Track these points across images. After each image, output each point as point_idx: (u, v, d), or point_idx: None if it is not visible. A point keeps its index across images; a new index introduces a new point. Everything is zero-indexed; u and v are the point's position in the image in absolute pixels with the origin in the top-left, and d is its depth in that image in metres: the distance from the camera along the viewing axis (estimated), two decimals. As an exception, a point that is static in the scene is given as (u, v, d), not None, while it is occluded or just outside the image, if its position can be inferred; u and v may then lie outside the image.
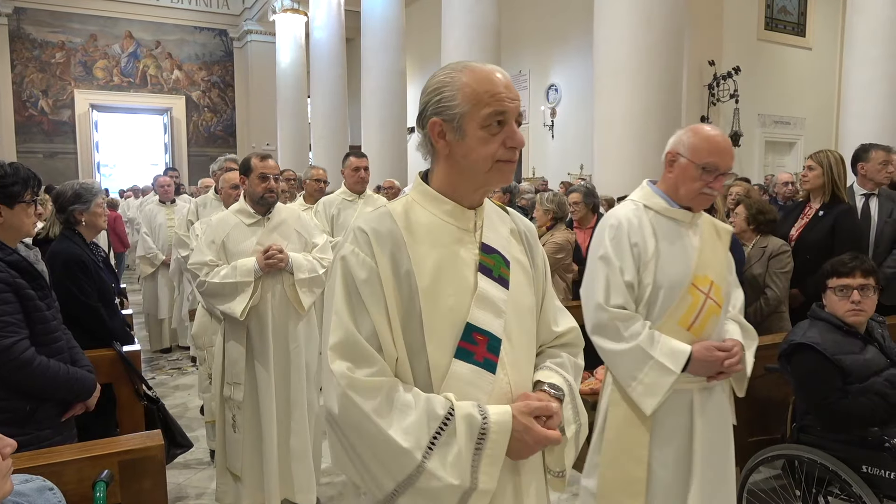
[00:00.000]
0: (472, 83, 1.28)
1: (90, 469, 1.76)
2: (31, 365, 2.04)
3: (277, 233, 3.11)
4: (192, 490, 3.68)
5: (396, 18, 11.42)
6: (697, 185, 2.04)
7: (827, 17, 11.83)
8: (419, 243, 1.29)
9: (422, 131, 1.34)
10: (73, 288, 2.80)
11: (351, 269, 1.26)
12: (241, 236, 3.06)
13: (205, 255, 3.03)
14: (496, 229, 1.39)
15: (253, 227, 3.09)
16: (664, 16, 6.08)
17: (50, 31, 16.78)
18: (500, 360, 1.29)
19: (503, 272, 1.34)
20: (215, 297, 3.00)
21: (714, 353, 1.99)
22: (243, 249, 3.04)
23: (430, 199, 1.35)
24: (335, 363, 1.22)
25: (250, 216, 3.10)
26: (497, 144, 1.28)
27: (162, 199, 6.70)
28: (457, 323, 1.27)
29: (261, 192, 3.05)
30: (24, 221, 2.18)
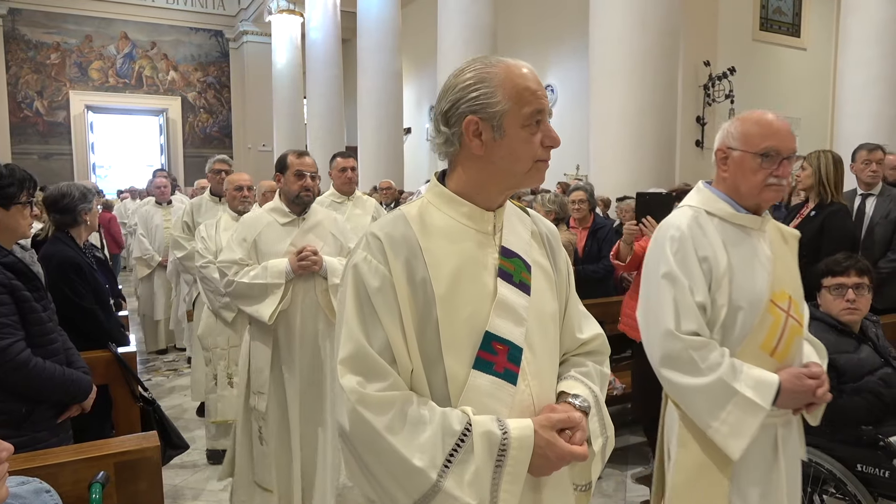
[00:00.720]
0: (512, 79, 1.21)
1: (86, 470, 1.75)
2: (27, 367, 2.03)
3: (312, 234, 2.96)
4: (188, 491, 3.67)
5: (392, 19, 11.42)
6: (760, 178, 1.77)
7: (821, 18, 11.88)
8: (435, 248, 1.23)
9: (448, 130, 1.25)
10: (68, 290, 2.79)
11: (363, 278, 1.20)
12: (274, 236, 2.92)
13: (235, 254, 2.90)
14: (517, 232, 1.32)
15: (287, 227, 2.94)
16: (659, 17, 6.10)
17: (45, 32, 16.74)
18: (522, 371, 1.22)
19: (524, 277, 1.27)
20: (243, 299, 2.86)
21: (805, 381, 1.73)
22: (276, 250, 2.89)
23: (447, 200, 1.28)
24: (345, 378, 1.16)
25: (285, 215, 2.96)
26: (537, 144, 1.23)
27: (158, 201, 6.68)
28: (475, 332, 1.21)
29: (297, 191, 2.91)
30: (21, 223, 2.19)
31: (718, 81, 9.97)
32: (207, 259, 3.82)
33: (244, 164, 17.85)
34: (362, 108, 11.50)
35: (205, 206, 4.74)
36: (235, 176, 4.14)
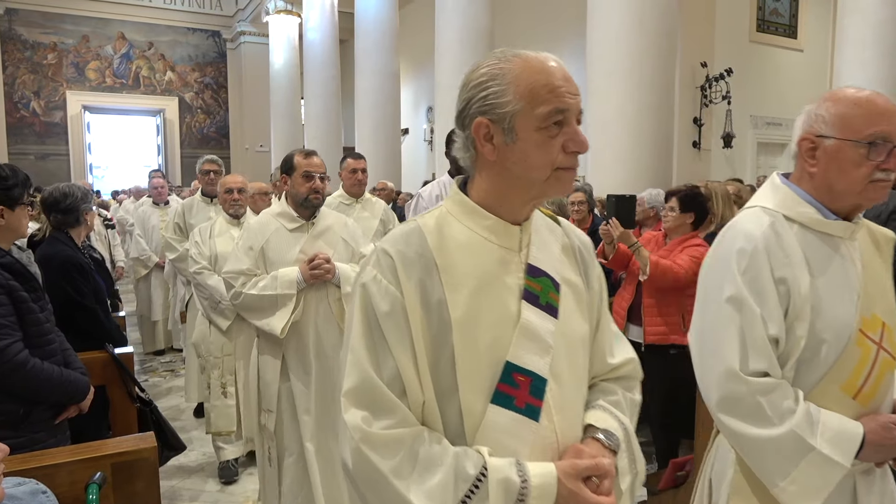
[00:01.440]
0: (526, 75, 1.08)
1: (83, 471, 1.75)
2: (24, 367, 2.03)
3: (322, 240, 2.80)
4: (185, 493, 3.67)
5: (390, 20, 11.42)
6: (864, 172, 1.40)
7: (818, 19, 11.91)
8: (454, 266, 1.11)
9: (464, 133, 1.15)
10: (71, 290, 2.79)
11: (372, 300, 1.09)
12: (282, 243, 2.75)
13: (242, 263, 2.73)
14: (546, 247, 1.19)
15: (296, 232, 2.77)
16: (656, 18, 6.10)
17: (42, 33, 16.70)
18: (546, 404, 1.10)
19: (551, 298, 1.15)
20: (252, 311, 2.70)
21: (894, 432, 1.41)
22: (285, 258, 2.73)
23: (469, 212, 1.15)
24: (349, 412, 1.06)
25: (292, 220, 2.78)
26: (556, 149, 1.08)
27: (155, 201, 6.67)
28: (495, 361, 1.09)
29: (305, 194, 2.73)
30: (22, 223, 2.22)
31: (715, 82, 9.98)
32: (201, 265, 3.73)
33: (241, 164, 17.84)
34: (360, 109, 11.50)
35: (196, 207, 4.68)
36: (227, 178, 4.03)
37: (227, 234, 3.80)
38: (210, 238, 3.80)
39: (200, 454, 4.12)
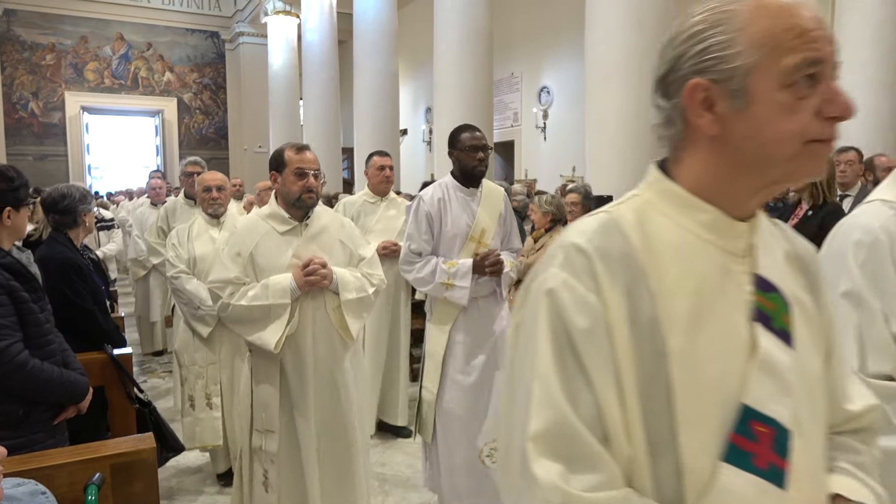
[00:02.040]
0: (762, 17, 0.81)
1: (82, 472, 1.75)
2: (25, 368, 2.03)
3: (317, 243, 2.57)
4: (184, 493, 3.66)
5: (389, 21, 11.42)
6: None
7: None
8: (665, 274, 0.84)
9: (668, 102, 0.89)
10: (69, 291, 2.79)
11: (563, 312, 0.82)
12: (273, 247, 2.51)
13: (228, 272, 2.48)
14: (772, 253, 0.92)
15: (287, 235, 2.54)
16: (655, 18, 6.11)
17: (40, 33, 16.69)
18: (792, 466, 0.82)
19: (784, 321, 0.88)
20: (242, 325, 2.46)
21: None
22: (276, 264, 2.49)
23: (680, 203, 0.89)
24: (540, 464, 0.79)
25: (284, 222, 2.55)
26: (808, 114, 0.81)
27: (153, 202, 6.65)
28: (726, 403, 0.82)
29: (297, 193, 2.51)
30: (25, 223, 2.24)
31: (714, 83, 10.01)
32: (179, 269, 3.54)
33: (240, 165, 17.84)
34: (359, 110, 11.50)
35: (179, 210, 4.49)
36: (205, 176, 3.78)
37: (206, 235, 3.62)
38: (188, 240, 3.60)
39: (199, 455, 4.11)
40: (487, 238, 3.09)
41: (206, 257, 3.48)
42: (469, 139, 3.05)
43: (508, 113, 13.22)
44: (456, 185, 3.15)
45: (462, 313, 3.06)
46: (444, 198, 3.10)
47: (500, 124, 12.67)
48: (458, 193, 3.12)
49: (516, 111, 13.09)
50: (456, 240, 3.07)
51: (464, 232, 3.07)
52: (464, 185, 3.13)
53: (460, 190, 3.13)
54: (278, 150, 2.60)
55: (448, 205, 3.10)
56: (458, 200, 3.11)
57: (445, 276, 3.01)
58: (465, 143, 3.06)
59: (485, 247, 3.06)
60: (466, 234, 3.09)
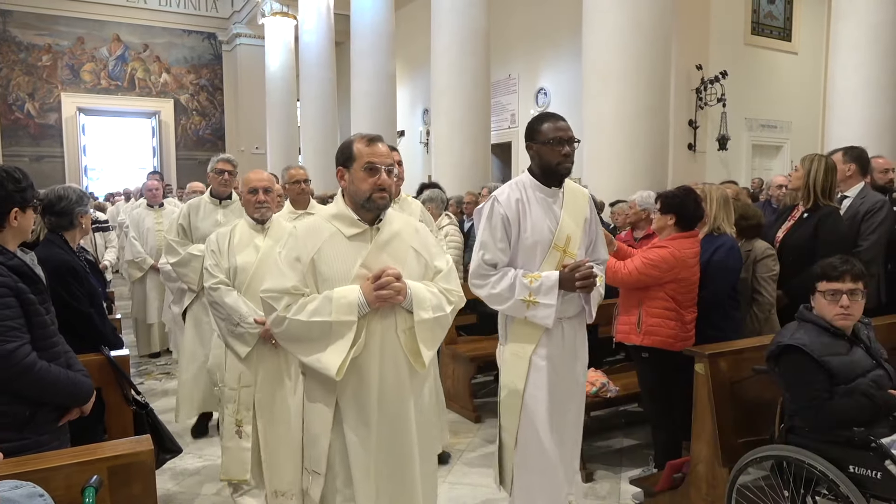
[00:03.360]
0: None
1: (79, 474, 1.74)
2: (32, 370, 2.03)
3: (389, 251, 2.20)
4: (182, 496, 3.66)
5: (386, 22, 11.43)
6: None
7: (812, 23, 11.96)
8: None
9: None
10: (65, 294, 2.78)
11: None
12: (338, 254, 2.15)
13: (286, 280, 2.11)
14: None
15: (356, 241, 2.18)
16: (652, 20, 6.13)
17: (36, 34, 16.66)
18: None
19: None
20: (299, 343, 2.12)
21: None
22: (342, 273, 2.13)
23: None
24: None
25: (352, 225, 2.19)
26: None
27: (150, 203, 6.59)
28: None
29: (367, 192, 2.15)
30: (30, 225, 2.24)
31: (711, 85, 10.03)
32: (218, 279, 3.12)
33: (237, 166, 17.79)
34: (356, 111, 11.51)
35: (203, 210, 4.25)
36: (251, 175, 3.31)
37: (250, 242, 3.20)
38: (229, 248, 3.18)
39: (197, 457, 4.11)
40: (573, 247, 2.64)
41: (248, 268, 3.14)
42: (552, 130, 2.60)
43: (506, 114, 13.24)
44: (535, 185, 2.67)
45: (545, 336, 2.63)
46: (523, 199, 2.64)
47: (498, 126, 12.68)
48: (537, 194, 2.66)
49: (513, 113, 13.11)
50: (536, 248, 2.62)
51: (546, 239, 2.62)
52: (545, 185, 2.66)
53: (540, 190, 2.66)
54: (346, 142, 2.24)
55: (527, 207, 2.64)
56: (538, 202, 2.65)
57: (526, 292, 2.56)
58: (547, 135, 2.60)
59: (571, 257, 2.63)
60: (549, 242, 2.62)
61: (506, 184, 2.77)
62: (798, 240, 3.69)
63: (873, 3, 6.93)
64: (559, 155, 2.59)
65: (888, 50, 6.87)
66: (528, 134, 2.69)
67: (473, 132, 8.91)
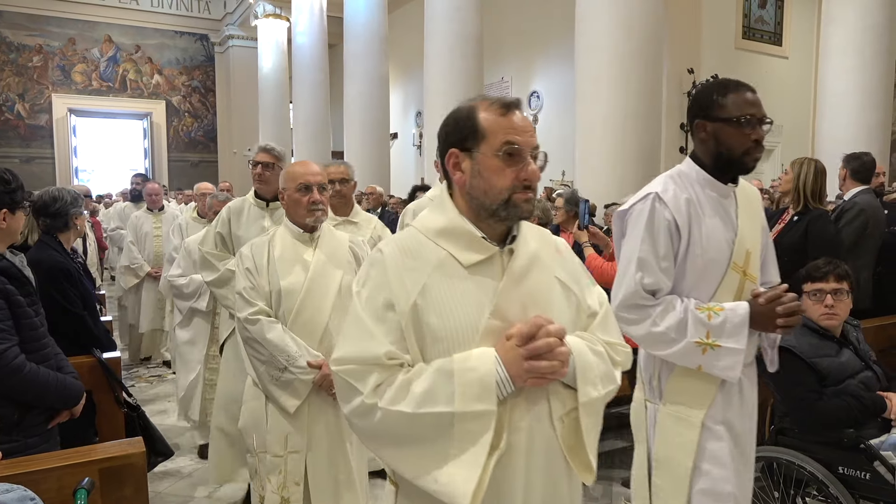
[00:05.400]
0: None
1: (71, 477, 1.74)
2: (21, 372, 2.02)
3: (528, 287, 1.34)
4: (173, 498, 3.64)
5: (379, 25, 11.44)
6: None
7: (803, 28, 12.06)
8: None
9: None
10: (58, 296, 2.77)
11: None
12: (454, 294, 1.31)
13: (373, 343, 1.29)
14: None
15: (479, 272, 1.33)
16: (644, 24, 6.17)
17: (27, 35, 16.57)
18: None
19: None
20: (398, 448, 1.29)
21: None
22: (460, 326, 1.29)
23: None
24: None
25: (474, 246, 1.34)
26: None
27: (149, 207, 6.25)
28: None
29: (506, 190, 1.31)
30: (20, 226, 2.22)
31: (702, 89, 10.10)
32: (257, 308, 2.36)
33: (229, 169, 17.77)
34: (349, 114, 11.50)
35: (248, 214, 3.28)
36: (298, 168, 2.47)
37: (298, 260, 2.43)
38: (269, 265, 2.42)
39: (188, 460, 4.09)
40: (753, 267, 1.95)
41: (295, 291, 2.38)
42: (742, 104, 1.87)
43: (498, 117, 13.26)
44: (705, 180, 1.94)
45: (721, 392, 1.92)
46: (693, 199, 1.92)
47: (490, 129, 12.70)
48: (708, 193, 1.94)
49: (506, 116, 13.12)
50: (710, 269, 1.89)
51: (723, 256, 1.89)
52: (720, 180, 1.94)
53: (712, 187, 1.94)
54: (462, 110, 1.36)
55: (700, 211, 1.91)
56: (710, 204, 1.93)
57: (703, 331, 1.83)
58: (733, 111, 1.86)
59: (751, 281, 1.93)
60: (727, 260, 1.90)
61: (660, 177, 2.04)
62: (788, 242, 3.72)
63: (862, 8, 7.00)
64: (748, 140, 1.87)
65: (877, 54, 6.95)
66: (699, 107, 1.95)
67: (466, 135, 8.93)
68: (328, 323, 2.41)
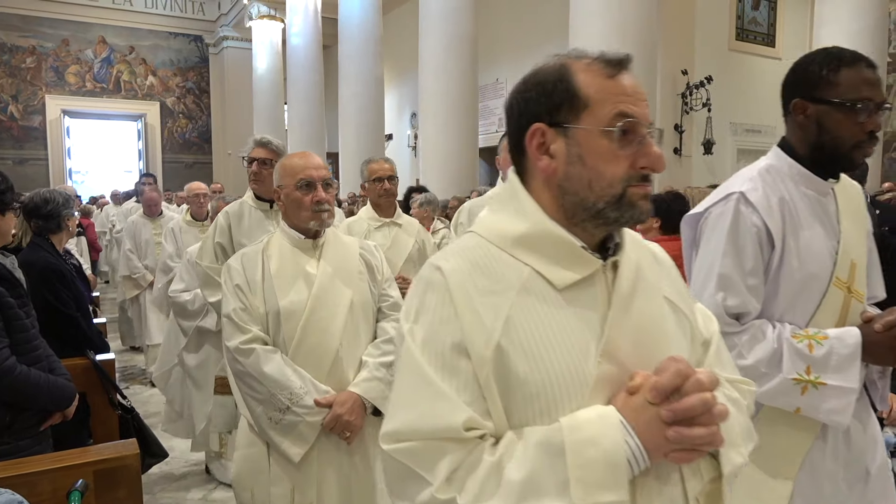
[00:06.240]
0: None
1: (64, 479, 1.73)
2: (12, 374, 2.01)
3: (639, 314, 0.97)
4: (167, 500, 3.63)
5: (374, 26, 11.44)
6: None
7: (796, 28, 12.12)
8: None
9: None
10: (51, 297, 2.76)
11: None
12: (548, 329, 0.92)
13: (446, 408, 0.90)
14: None
15: (576, 296, 0.95)
16: (637, 26, 6.19)
17: (20, 36, 16.49)
18: None
19: None
20: None
21: None
22: (562, 374, 0.91)
23: None
24: None
25: (572, 260, 0.97)
26: None
27: (146, 213, 5.97)
28: None
29: (620, 182, 0.95)
30: (10, 228, 2.22)
31: (696, 90, 10.13)
32: (251, 335, 1.96)
33: (223, 170, 17.73)
34: (344, 115, 11.50)
35: (249, 218, 2.94)
36: (297, 160, 2.10)
37: (299, 273, 2.03)
38: (264, 279, 2.01)
39: (182, 462, 4.08)
40: (859, 282, 1.58)
41: (296, 311, 1.97)
42: (859, 83, 1.50)
43: (493, 118, 13.28)
44: (800, 174, 1.59)
45: (820, 439, 1.54)
46: (787, 199, 1.57)
47: (485, 129, 12.72)
48: (803, 190, 1.59)
49: (501, 117, 13.12)
50: (810, 285, 1.54)
51: (825, 270, 1.54)
52: (821, 176, 1.60)
53: (808, 183, 1.59)
54: (551, 70, 0.99)
55: (796, 213, 1.56)
56: (807, 205, 1.58)
57: (803, 365, 1.48)
58: (844, 91, 1.50)
59: (858, 299, 1.57)
60: (829, 275, 1.54)
61: (743, 173, 1.67)
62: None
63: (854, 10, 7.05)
64: (861, 131, 1.50)
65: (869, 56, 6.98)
66: (801, 82, 1.57)
67: (461, 136, 8.94)
68: (338, 350, 1.97)
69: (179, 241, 4.85)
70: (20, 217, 2.92)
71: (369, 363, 2.03)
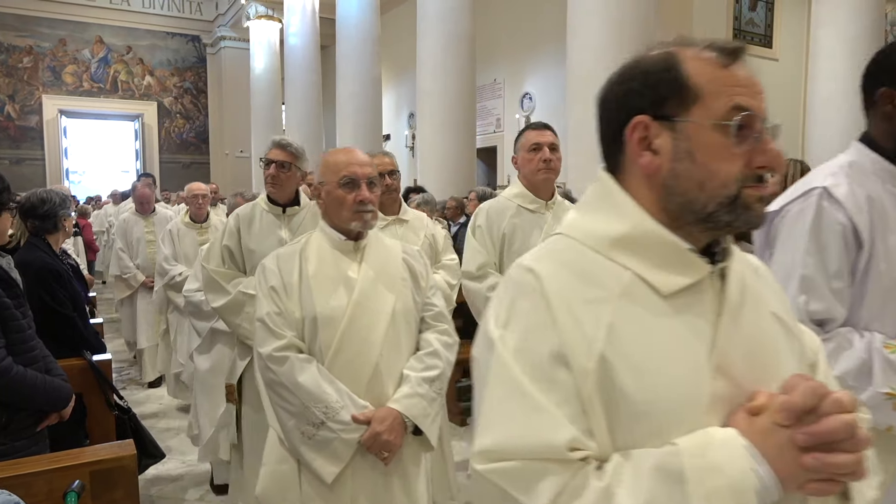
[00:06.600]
0: None
1: (61, 479, 1.73)
2: (8, 374, 2.01)
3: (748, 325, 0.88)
4: (164, 501, 3.63)
5: (372, 26, 11.44)
6: None
7: (793, 30, 12.15)
8: None
9: None
10: (48, 297, 2.76)
11: None
12: (657, 340, 0.83)
13: (547, 426, 0.80)
14: None
15: (684, 302, 0.86)
16: (635, 26, 6.20)
17: (17, 36, 16.46)
18: None
19: None
20: None
21: None
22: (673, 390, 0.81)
23: None
24: None
25: (678, 264, 0.87)
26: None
27: (138, 210, 5.78)
28: None
29: (735, 180, 0.86)
30: (7, 228, 2.21)
31: (693, 90, 10.17)
32: (285, 341, 1.83)
33: (221, 170, 17.72)
34: (341, 115, 11.50)
35: (260, 222, 2.80)
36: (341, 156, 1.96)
37: (340, 277, 1.90)
38: (301, 282, 1.88)
39: (179, 462, 4.08)
40: None
41: (334, 318, 1.84)
42: None
43: (491, 119, 13.29)
44: (886, 171, 1.49)
45: None
46: (875, 196, 1.46)
47: (483, 130, 12.72)
48: (889, 188, 1.48)
49: (499, 117, 13.16)
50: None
51: None
52: None
53: (894, 181, 1.49)
54: (658, 58, 0.89)
55: (886, 211, 1.46)
56: (894, 204, 1.47)
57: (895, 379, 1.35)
58: None
59: None
60: None
61: (823, 168, 1.54)
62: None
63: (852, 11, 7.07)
64: None
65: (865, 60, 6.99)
66: (887, 71, 1.50)
67: (459, 136, 8.95)
68: (378, 361, 1.84)
69: (177, 243, 4.79)
70: (17, 217, 2.91)
71: (411, 378, 1.86)
